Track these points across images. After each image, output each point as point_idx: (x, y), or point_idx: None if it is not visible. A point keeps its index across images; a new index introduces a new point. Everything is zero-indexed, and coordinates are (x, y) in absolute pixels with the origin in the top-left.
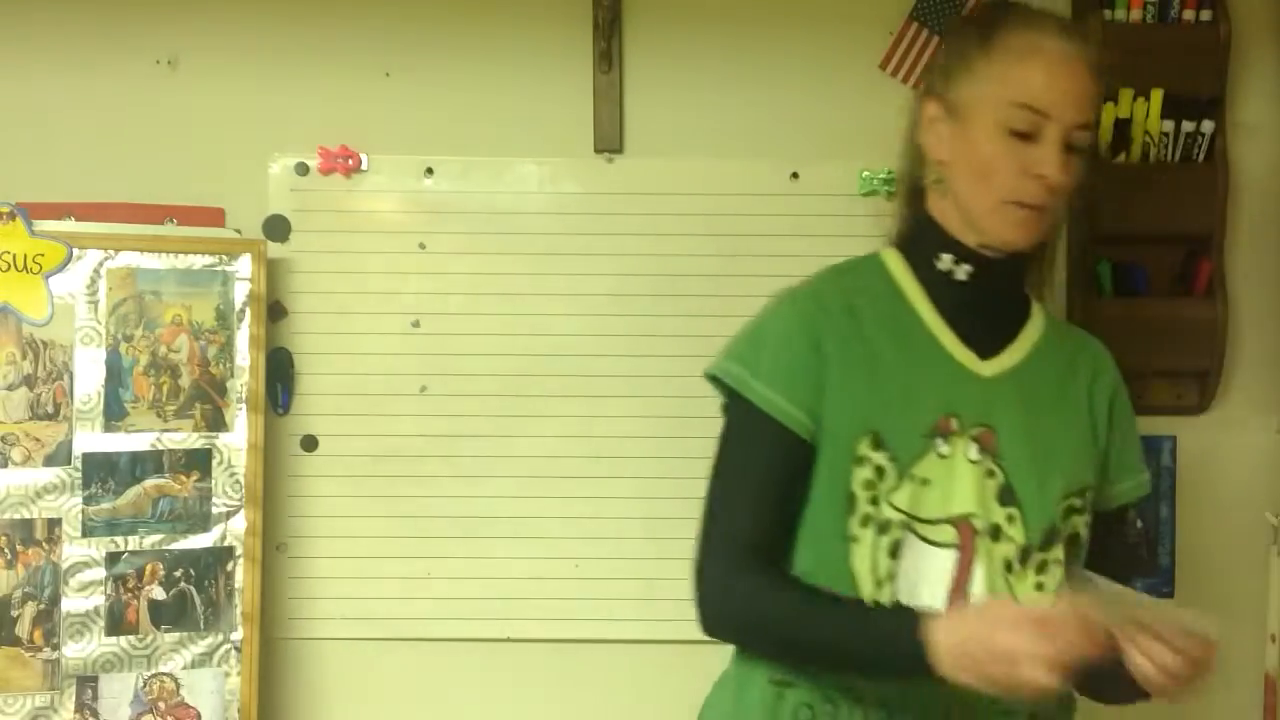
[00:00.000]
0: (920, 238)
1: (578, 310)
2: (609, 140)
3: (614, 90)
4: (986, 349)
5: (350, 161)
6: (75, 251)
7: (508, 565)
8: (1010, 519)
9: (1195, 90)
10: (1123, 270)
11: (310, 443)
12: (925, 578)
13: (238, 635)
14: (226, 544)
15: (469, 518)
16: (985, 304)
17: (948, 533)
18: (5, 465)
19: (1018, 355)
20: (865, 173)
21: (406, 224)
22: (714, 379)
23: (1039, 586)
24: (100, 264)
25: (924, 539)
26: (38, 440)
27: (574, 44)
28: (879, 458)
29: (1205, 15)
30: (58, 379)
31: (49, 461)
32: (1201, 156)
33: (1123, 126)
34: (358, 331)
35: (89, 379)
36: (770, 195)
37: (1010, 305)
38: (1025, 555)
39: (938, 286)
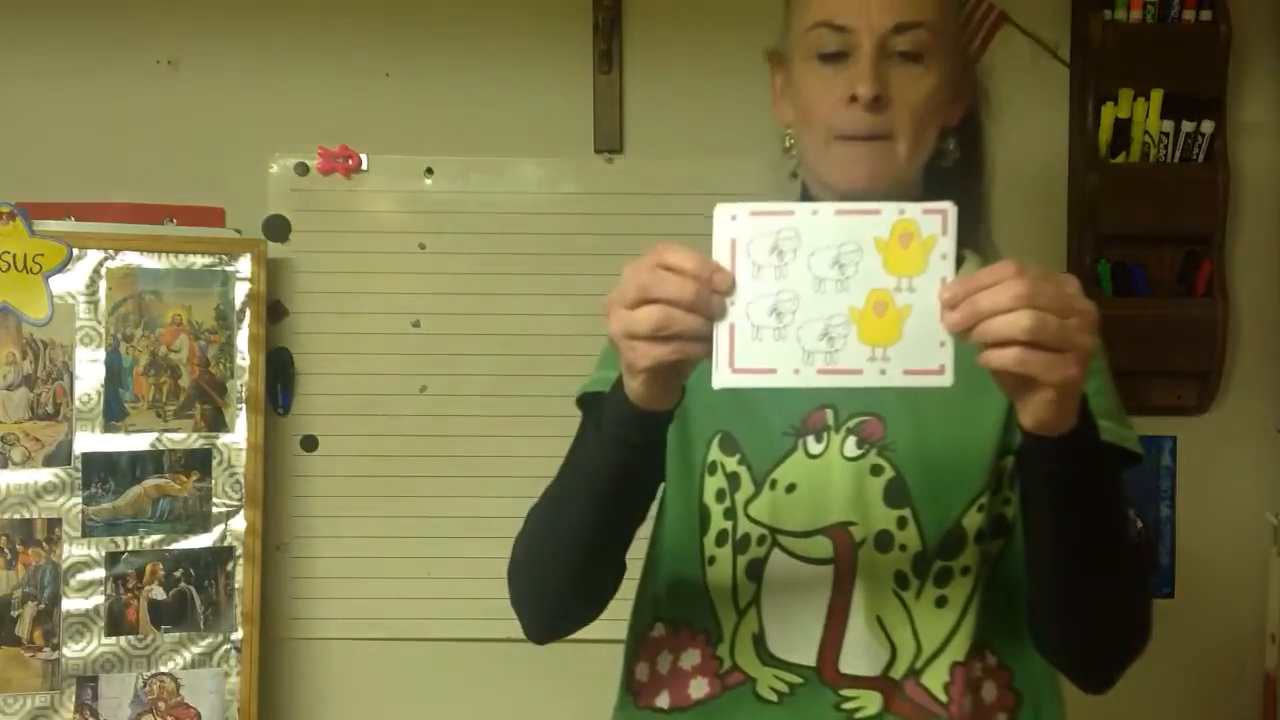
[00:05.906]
0: None
1: (577, 310)
2: (609, 140)
3: (614, 90)
4: None
5: (350, 161)
6: (75, 251)
7: (507, 565)
8: (901, 522)
9: (1195, 90)
10: (1123, 270)
11: (310, 443)
12: (797, 601)
13: (238, 635)
14: (226, 544)
15: (469, 518)
16: None
17: (822, 546)
18: (5, 465)
19: None
20: None
21: (406, 224)
22: (579, 401)
23: (940, 602)
24: (100, 264)
25: (793, 555)
26: (38, 440)
27: (574, 44)
28: (731, 463)
29: (1205, 15)
30: (58, 379)
31: (49, 461)
32: (1201, 156)
33: (1123, 126)
34: (358, 331)
35: (89, 379)
36: (770, 194)
37: None
38: (921, 565)
39: None
